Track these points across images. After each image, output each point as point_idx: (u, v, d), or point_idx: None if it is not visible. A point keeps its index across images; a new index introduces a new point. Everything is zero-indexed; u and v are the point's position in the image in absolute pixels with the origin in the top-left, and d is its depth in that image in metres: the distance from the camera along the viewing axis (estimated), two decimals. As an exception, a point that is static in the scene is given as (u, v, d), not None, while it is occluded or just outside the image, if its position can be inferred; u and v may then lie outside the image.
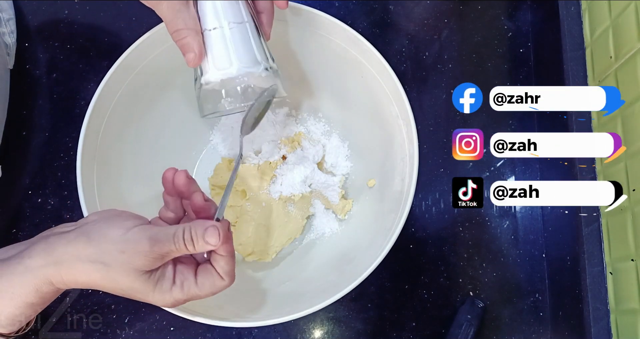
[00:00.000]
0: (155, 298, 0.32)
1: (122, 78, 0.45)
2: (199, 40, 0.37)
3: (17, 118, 0.56)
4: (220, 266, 0.34)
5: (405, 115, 0.44)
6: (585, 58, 0.52)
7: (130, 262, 0.31)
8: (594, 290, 0.46)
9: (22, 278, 0.30)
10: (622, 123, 0.46)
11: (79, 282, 0.31)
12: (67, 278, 0.31)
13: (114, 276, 0.31)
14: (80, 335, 0.52)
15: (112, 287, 0.31)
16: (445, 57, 0.61)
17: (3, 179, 0.53)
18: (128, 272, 0.31)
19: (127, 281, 0.31)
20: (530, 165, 0.58)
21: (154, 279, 0.32)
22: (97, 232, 0.31)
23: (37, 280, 0.30)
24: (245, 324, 0.39)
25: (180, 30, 0.36)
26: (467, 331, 0.50)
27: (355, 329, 0.53)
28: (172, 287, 0.32)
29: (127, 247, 0.31)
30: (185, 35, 0.36)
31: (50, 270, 0.30)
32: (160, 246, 0.31)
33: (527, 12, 0.62)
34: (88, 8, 0.61)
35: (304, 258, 0.52)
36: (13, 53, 0.57)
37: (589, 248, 0.47)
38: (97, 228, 0.32)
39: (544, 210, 0.56)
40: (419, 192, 0.56)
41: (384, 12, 0.62)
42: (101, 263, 0.30)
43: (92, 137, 0.43)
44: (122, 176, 0.48)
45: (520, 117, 0.59)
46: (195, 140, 0.56)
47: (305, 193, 0.51)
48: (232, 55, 0.38)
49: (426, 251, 0.55)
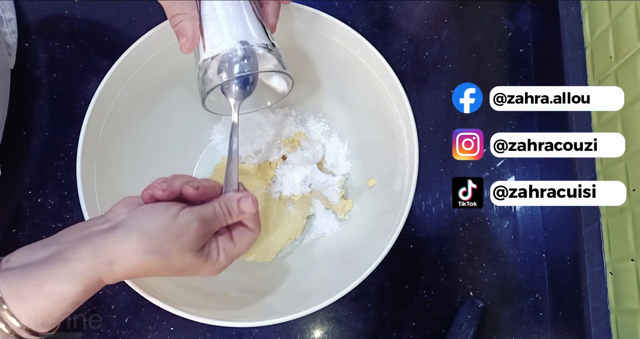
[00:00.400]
0: (206, 269, 0.35)
1: (122, 78, 0.45)
2: (194, 24, 0.37)
3: (17, 118, 0.56)
4: (250, 220, 0.37)
5: (405, 115, 0.44)
6: (585, 58, 0.52)
7: (185, 244, 0.33)
8: (594, 290, 0.46)
9: (72, 280, 0.30)
10: (622, 123, 0.46)
11: (132, 275, 0.32)
12: (120, 273, 0.31)
13: (172, 261, 0.32)
14: (80, 335, 0.52)
15: (167, 271, 0.33)
16: (445, 57, 0.61)
17: (3, 179, 0.53)
18: (185, 254, 0.33)
19: (184, 262, 0.33)
20: (530, 165, 0.58)
21: (205, 253, 0.34)
22: (147, 225, 0.32)
23: (86, 281, 0.31)
24: (245, 324, 0.39)
25: (176, 15, 0.36)
26: (467, 331, 0.50)
27: (355, 329, 0.53)
28: (218, 256, 0.35)
29: (181, 232, 0.32)
30: (181, 20, 0.36)
31: (102, 269, 0.31)
32: (209, 225, 0.34)
33: (527, 12, 0.62)
34: (88, 8, 0.61)
35: (304, 258, 0.52)
36: (14, 53, 0.58)
37: (589, 248, 0.47)
38: (145, 222, 0.33)
39: (544, 210, 0.56)
40: (419, 192, 0.56)
41: (384, 12, 0.62)
42: (159, 253, 0.32)
43: (92, 137, 0.43)
44: (122, 176, 0.48)
45: (520, 117, 0.59)
46: (195, 140, 0.56)
47: (305, 193, 0.51)
48: (224, 33, 0.37)
49: (426, 251, 0.55)
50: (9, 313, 0.29)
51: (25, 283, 0.30)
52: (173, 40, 0.46)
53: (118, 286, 0.53)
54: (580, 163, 0.49)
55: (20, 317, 0.29)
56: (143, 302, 0.51)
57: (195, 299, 0.44)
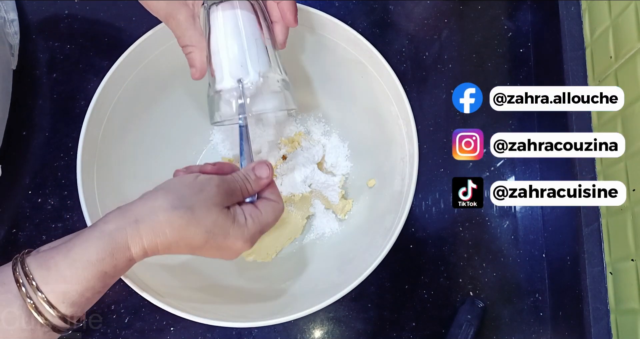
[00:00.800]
0: (235, 232, 0.34)
1: (122, 78, 0.45)
2: (201, 56, 0.39)
3: (17, 118, 0.56)
4: (270, 192, 0.38)
5: (405, 115, 0.44)
6: (585, 59, 0.52)
7: (210, 198, 0.33)
8: (594, 290, 0.46)
9: (98, 242, 0.30)
10: (622, 123, 0.46)
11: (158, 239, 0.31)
12: (147, 237, 0.31)
13: (199, 216, 0.32)
14: (80, 335, 0.52)
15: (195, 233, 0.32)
16: (445, 57, 0.61)
17: (3, 179, 0.53)
18: (210, 208, 0.32)
19: (211, 217, 0.32)
20: (530, 165, 0.58)
21: (232, 213, 0.34)
22: (171, 183, 0.33)
23: (114, 243, 0.30)
24: (245, 324, 0.39)
25: (186, 46, 0.39)
26: (467, 331, 0.50)
27: (355, 329, 0.53)
28: (245, 220, 0.35)
29: (203, 186, 0.33)
30: (190, 51, 0.39)
31: (129, 230, 0.30)
32: (229, 185, 0.35)
33: (527, 12, 0.62)
34: (88, 8, 0.61)
35: (304, 258, 0.52)
36: (16, 53, 0.58)
37: (589, 248, 0.47)
38: (169, 183, 0.34)
39: (544, 210, 0.56)
40: (419, 192, 0.56)
41: (384, 12, 0.62)
42: (185, 207, 0.31)
43: (92, 137, 0.43)
44: (122, 176, 0.48)
45: (520, 117, 0.59)
46: (195, 140, 0.56)
47: (305, 193, 0.51)
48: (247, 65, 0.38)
49: (426, 251, 0.55)
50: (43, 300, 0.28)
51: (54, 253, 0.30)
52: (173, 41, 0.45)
53: (118, 286, 0.53)
54: (580, 163, 0.49)
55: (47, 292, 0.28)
56: (143, 302, 0.51)
57: (196, 299, 0.44)
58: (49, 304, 0.29)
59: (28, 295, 0.28)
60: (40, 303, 0.28)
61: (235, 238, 0.34)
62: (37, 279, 0.29)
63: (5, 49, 0.55)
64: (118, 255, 0.30)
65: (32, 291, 0.28)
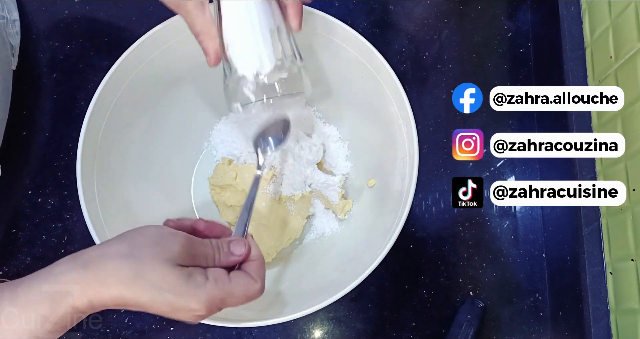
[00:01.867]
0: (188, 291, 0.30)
1: (122, 78, 0.45)
2: (214, 44, 0.38)
3: (17, 118, 0.56)
4: (252, 269, 0.34)
5: (405, 115, 0.44)
6: (585, 59, 0.52)
7: (163, 252, 0.30)
8: (594, 290, 0.46)
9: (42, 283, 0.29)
10: (622, 123, 0.46)
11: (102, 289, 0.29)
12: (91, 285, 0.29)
13: (146, 270, 0.29)
14: (80, 335, 0.52)
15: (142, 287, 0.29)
16: (445, 57, 0.61)
17: (3, 179, 0.53)
18: (161, 263, 0.30)
19: (159, 274, 0.29)
20: (530, 165, 0.58)
21: (186, 272, 0.30)
22: (131, 232, 0.32)
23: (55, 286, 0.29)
24: (245, 325, 0.39)
25: (198, 33, 0.38)
26: (467, 331, 0.50)
27: (355, 329, 0.53)
28: (206, 281, 0.31)
29: (162, 239, 0.31)
30: (202, 39, 0.38)
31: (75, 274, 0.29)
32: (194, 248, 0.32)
33: (527, 12, 0.62)
34: (88, 8, 0.61)
35: (303, 258, 0.52)
36: (17, 53, 0.58)
37: (589, 248, 0.47)
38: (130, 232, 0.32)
39: (544, 210, 0.56)
40: (419, 192, 0.56)
41: (384, 12, 0.62)
42: (133, 256, 0.29)
43: (92, 137, 0.43)
44: (122, 176, 0.48)
45: (520, 117, 0.59)
46: (195, 140, 0.56)
47: (305, 193, 0.51)
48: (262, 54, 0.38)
49: (426, 251, 0.55)
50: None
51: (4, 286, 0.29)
52: (173, 40, 0.46)
53: (118, 286, 0.53)
54: (580, 163, 0.49)
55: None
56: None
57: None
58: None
59: None
60: None
61: (189, 298, 0.30)
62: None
63: (7, 49, 0.55)
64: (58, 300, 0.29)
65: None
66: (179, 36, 0.45)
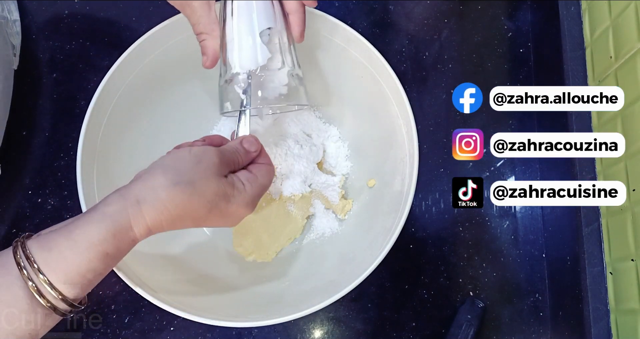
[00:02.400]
0: (237, 199, 0.34)
1: (122, 78, 0.45)
2: (214, 45, 0.39)
3: (17, 118, 0.56)
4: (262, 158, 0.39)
5: (405, 115, 0.44)
6: (585, 58, 0.52)
7: (209, 168, 0.33)
8: (594, 290, 0.46)
9: (100, 224, 0.30)
10: (622, 123, 0.46)
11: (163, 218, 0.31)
12: (149, 215, 0.31)
13: (200, 188, 0.32)
14: (80, 335, 0.52)
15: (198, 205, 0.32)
16: (445, 57, 0.61)
17: (3, 179, 0.53)
18: (210, 179, 0.33)
19: (213, 187, 0.33)
20: (530, 165, 0.58)
21: (231, 181, 0.35)
22: (167, 160, 0.33)
23: (116, 224, 0.30)
24: (245, 324, 0.39)
25: (200, 33, 0.39)
26: (467, 331, 0.50)
27: (355, 329, 0.53)
28: (244, 186, 0.35)
29: (200, 157, 0.33)
30: (204, 39, 0.39)
31: (131, 210, 0.30)
32: (223, 154, 0.35)
33: (527, 12, 0.62)
34: (88, 8, 0.61)
35: (303, 258, 0.52)
36: (18, 53, 0.58)
37: (589, 248, 0.47)
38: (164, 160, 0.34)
39: (544, 210, 0.56)
40: (419, 192, 0.56)
41: (384, 12, 0.62)
42: (185, 181, 0.32)
43: (92, 137, 0.43)
44: (123, 176, 0.47)
45: (520, 117, 0.59)
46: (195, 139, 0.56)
47: (305, 193, 0.51)
48: (258, 56, 0.38)
49: (426, 251, 0.55)
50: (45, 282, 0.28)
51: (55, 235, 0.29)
52: (173, 40, 0.46)
53: (118, 286, 0.53)
54: (580, 163, 0.49)
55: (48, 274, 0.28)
56: (143, 302, 0.51)
57: (195, 299, 0.44)
58: (51, 285, 0.29)
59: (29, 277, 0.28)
60: (41, 284, 0.28)
61: (238, 204, 0.34)
62: (38, 261, 0.29)
63: (8, 49, 0.55)
64: (120, 236, 0.30)
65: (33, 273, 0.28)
66: (179, 36, 0.45)
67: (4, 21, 0.56)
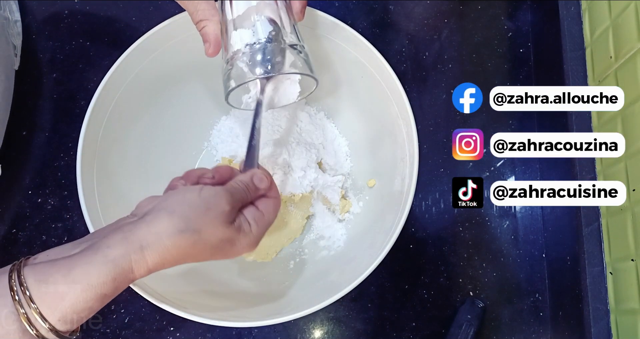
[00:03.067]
0: (241, 242, 0.34)
1: (122, 78, 0.45)
2: (215, 30, 0.38)
3: (17, 117, 0.56)
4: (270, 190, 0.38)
5: (405, 115, 0.44)
6: (585, 58, 0.52)
7: (216, 217, 0.32)
8: (594, 290, 0.46)
9: (101, 267, 0.29)
10: (622, 123, 0.46)
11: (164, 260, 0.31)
12: (152, 261, 0.30)
13: (206, 237, 0.31)
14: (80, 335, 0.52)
15: (201, 252, 0.32)
16: (445, 57, 0.61)
17: (3, 179, 0.53)
18: (217, 227, 0.32)
19: (219, 235, 0.32)
20: (530, 165, 0.58)
21: (237, 226, 0.34)
22: (174, 202, 0.32)
23: (117, 269, 0.29)
24: (245, 324, 0.39)
25: (200, 21, 0.38)
26: (467, 331, 0.50)
27: (355, 329, 0.53)
28: (250, 227, 0.35)
29: (209, 205, 0.32)
30: (204, 26, 0.38)
31: (134, 256, 0.30)
32: (233, 196, 0.34)
33: (527, 12, 0.62)
34: (88, 8, 0.61)
35: (303, 258, 0.52)
36: (19, 54, 0.58)
37: (589, 248, 0.47)
38: (172, 202, 0.32)
39: (544, 210, 0.56)
40: (419, 192, 0.56)
41: (384, 12, 0.62)
42: (191, 230, 0.31)
43: (92, 137, 0.43)
44: (122, 176, 0.48)
45: (520, 117, 0.59)
46: (195, 140, 0.56)
47: (305, 193, 0.51)
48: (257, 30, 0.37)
49: (426, 251, 0.55)
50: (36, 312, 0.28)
51: (53, 270, 0.29)
52: (173, 40, 0.46)
53: (118, 286, 0.53)
54: (580, 163, 0.49)
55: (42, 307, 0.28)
56: (143, 302, 0.51)
57: (195, 299, 0.44)
58: (42, 317, 0.28)
59: (21, 305, 0.28)
60: (32, 315, 0.28)
61: (242, 247, 0.34)
62: (33, 293, 0.28)
63: (9, 50, 0.55)
64: (120, 279, 0.30)
65: (25, 303, 0.28)
66: (179, 36, 0.45)
67: (5, 22, 0.56)
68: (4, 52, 0.53)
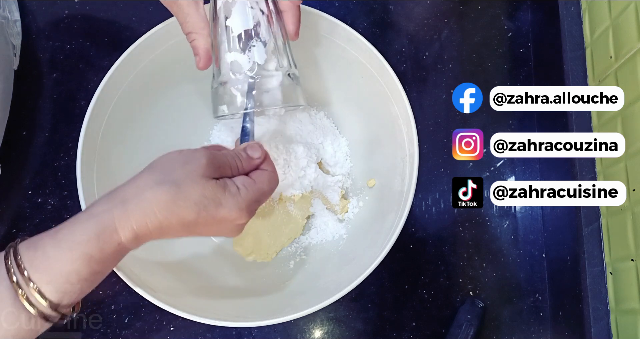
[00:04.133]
0: (229, 203, 0.32)
1: (122, 78, 0.45)
2: (205, 44, 0.37)
3: (17, 118, 0.56)
4: (266, 165, 0.37)
5: (405, 115, 0.44)
6: (585, 59, 0.52)
7: (194, 169, 0.32)
8: (594, 290, 0.46)
9: (85, 224, 0.29)
10: (622, 123, 0.46)
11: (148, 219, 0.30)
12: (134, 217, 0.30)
13: (185, 189, 0.31)
14: (80, 335, 0.52)
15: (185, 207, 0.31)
16: (445, 57, 0.61)
17: (3, 179, 0.53)
18: (196, 180, 0.31)
19: (199, 190, 0.31)
20: (530, 165, 0.58)
21: (222, 183, 0.33)
22: (156, 161, 0.33)
23: (100, 224, 0.29)
24: (245, 324, 0.39)
25: (189, 33, 0.38)
26: (467, 331, 0.50)
27: (355, 329, 0.53)
28: (238, 189, 0.33)
29: (188, 158, 0.32)
30: (193, 39, 0.38)
31: (116, 211, 0.30)
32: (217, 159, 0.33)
33: (527, 12, 0.62)
34: (88, 8, 0.61)
35: (304, 258, 0.52)
36: (18, 53, 0.58)
37: (589, 248, 0.47)
38: (155, 162, 0.33)
39: (544, 210, 0.56)
40: (419, 192, 0.56)
41: (384, 12, 0.62)
42: (169, 181, 0.31)
43: (92, 137, 0.43)
44: (122, 176, 0.47)
45: (520, 117, 0.59)
46: (195, 140, 0.56)
47: (305, 193, 0.51)
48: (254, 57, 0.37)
49: (426, 251, 0.55)
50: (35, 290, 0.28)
51: (43, 235, 0.29)
52: (173, 41, 0.46)
53: (118, 286, 0.53)
54: (580, 163, 0.49)
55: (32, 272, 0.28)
56: (143, 302, 0.51)
57: (195, 299, 0.44)
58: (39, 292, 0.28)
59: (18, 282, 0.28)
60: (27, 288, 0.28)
61: (229, 208, 0.32)
62: (24, 260, 0.28)
63: (9, 49, 0.55)
64: (104, 237, 0.29)
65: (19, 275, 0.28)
66: (179, 36, 0.45)
67: (4, 21, 0.56)
68: (3, 52, 0.53)
